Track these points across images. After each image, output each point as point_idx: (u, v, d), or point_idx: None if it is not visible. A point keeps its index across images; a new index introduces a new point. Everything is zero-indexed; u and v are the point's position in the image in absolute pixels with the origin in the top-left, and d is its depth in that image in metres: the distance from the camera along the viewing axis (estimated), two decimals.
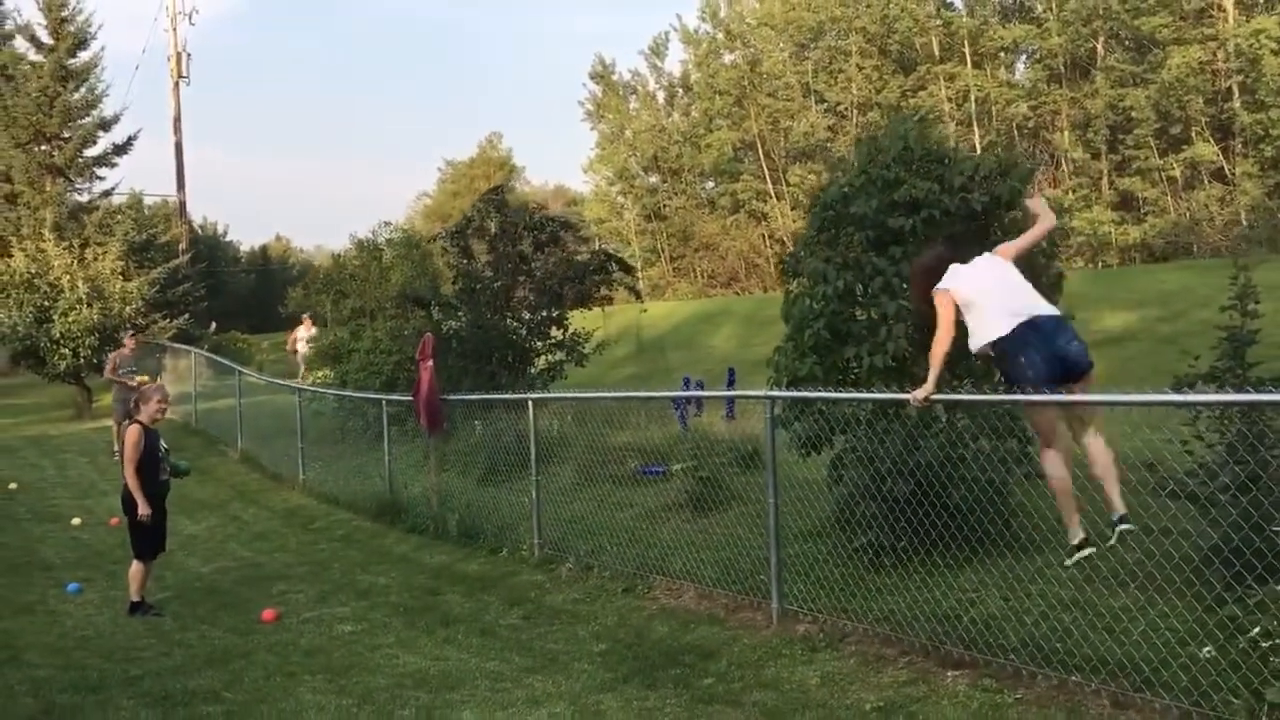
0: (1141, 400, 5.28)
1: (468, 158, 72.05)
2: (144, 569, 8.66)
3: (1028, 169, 8.40)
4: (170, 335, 28.10)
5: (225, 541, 11.81)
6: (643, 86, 58.80)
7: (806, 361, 8.05)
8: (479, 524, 10.55)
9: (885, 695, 5.56)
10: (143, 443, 8.56)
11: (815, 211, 8.60)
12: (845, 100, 47.56)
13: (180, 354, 24.16)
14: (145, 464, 8.57)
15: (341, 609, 8.51)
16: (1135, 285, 21.44)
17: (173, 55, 35.87)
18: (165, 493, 8.83)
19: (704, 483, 9.49)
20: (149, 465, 8.61)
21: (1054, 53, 41.83)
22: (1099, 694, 5.11)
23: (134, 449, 8.54)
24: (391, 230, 23.18)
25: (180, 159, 36.08)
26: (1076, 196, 39.72)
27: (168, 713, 5.99)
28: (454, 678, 6.48)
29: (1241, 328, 6.62)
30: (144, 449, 8.56)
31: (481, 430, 12.31)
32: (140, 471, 8.53)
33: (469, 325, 15.06)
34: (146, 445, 8.59)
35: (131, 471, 8.51)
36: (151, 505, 8.58)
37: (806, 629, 6.70)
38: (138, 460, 8.53)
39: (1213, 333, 7.09)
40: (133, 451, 8.54)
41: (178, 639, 7.79)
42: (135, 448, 8.54)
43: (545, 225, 15.68)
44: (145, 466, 8.57)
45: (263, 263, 64.20)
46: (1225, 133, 38.38)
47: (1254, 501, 5.11)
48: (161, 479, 8.75)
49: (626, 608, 7.80)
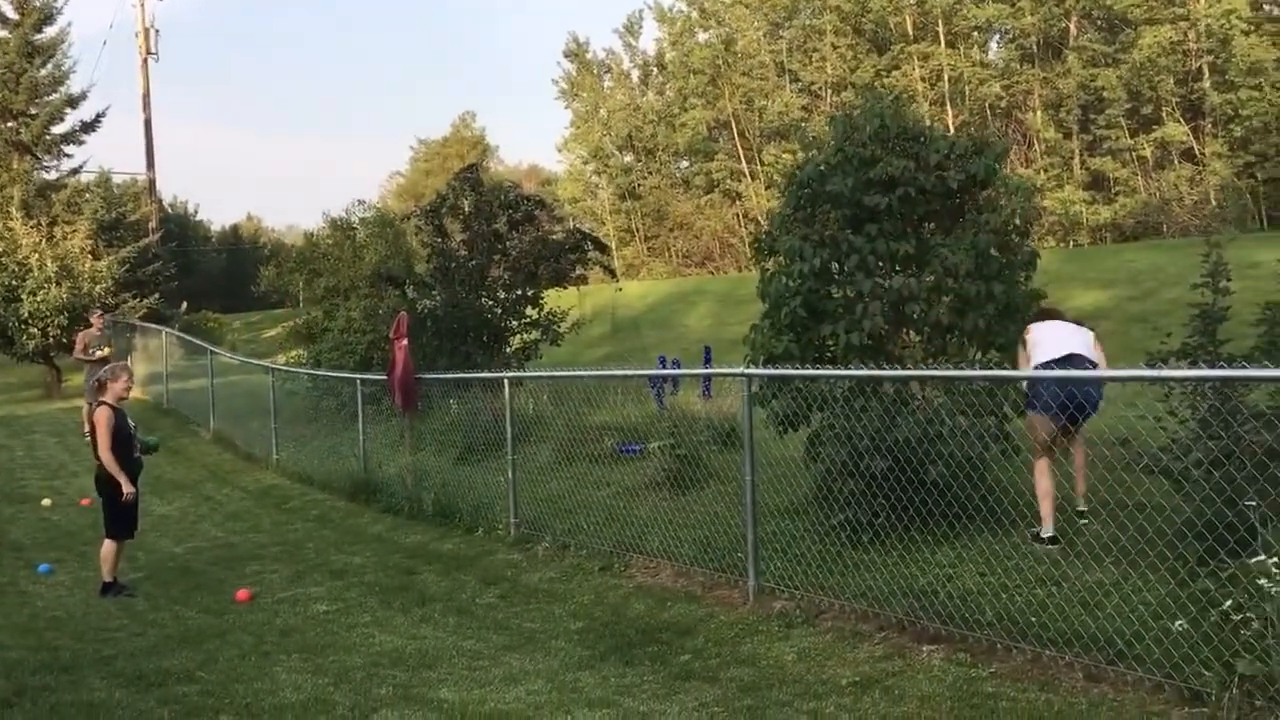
0: (1116, 376, 5.33)
1: (441, 137, 71.62)
2: (117, 549, 8.59)
3: (1003, 147, 8.40)
4: (141, 315, 27.83)
5: (198, 522, 11.73)
6: (617, 65, 58.54)
7: (783, 339, 8.05)
8: (455, 503, 10.52)
9: (861, 670, 5.59)
10: (114, 422, 8.49)
11: (791, 190, 8.58)
12: (819, 80, 47.51)
13: (151, 334, 23.93)
14: (119, 444, 8.50)
15: (316, 589, 8.48)
16: (1106, 264, 21.60)
17: (140, 31, 35.36)
18: (139, 471, 8.76)
19: (681, 461, 9.49)
20: (123, 445, 8.53)
21: (1027, 32, 41.91)
22: (1073, 667, 5.15)
23: (107, 430, 8.46)
24: (365, 209, 22.93)
25: (150, 136, 35.62)
26: (1048, 176, 39.89)
27: (142, 693, 5.95)
28: (431, 656, 6.47)
29: (1213, 305, 6.67)
30: (116, 429, 8.49)
31: (457, 409, 12.27)
32: (114, 452, 8.45)
33: (444, 304, 14.99)
34: (118, 425, 8.52)
35: (108, 454, 8.43)
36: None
37: (783, 605, 6.72)
38: (112, 440, 8.45)
39: (1182, 311, 7.15)
40: (106, 433, 8.46)
41: (151, 619, 7.74)
42: (108, 429, 8.46)
43: (520, 204, 15.62)
44: (119, 446, 8.50)
45: (234, 242, 63.64)
46: (1195, 113, 38.61)
47: (1226, 476, 5.15)
48: (135, 457, 8.68)
49: (603, 586, 7.81)
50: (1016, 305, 7.93)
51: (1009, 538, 6.72)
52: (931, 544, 6.86)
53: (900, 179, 7.86)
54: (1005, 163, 8.45)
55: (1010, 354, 7.73)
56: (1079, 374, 5.48)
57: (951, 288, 7.70)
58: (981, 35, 45.19)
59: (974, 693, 5.10)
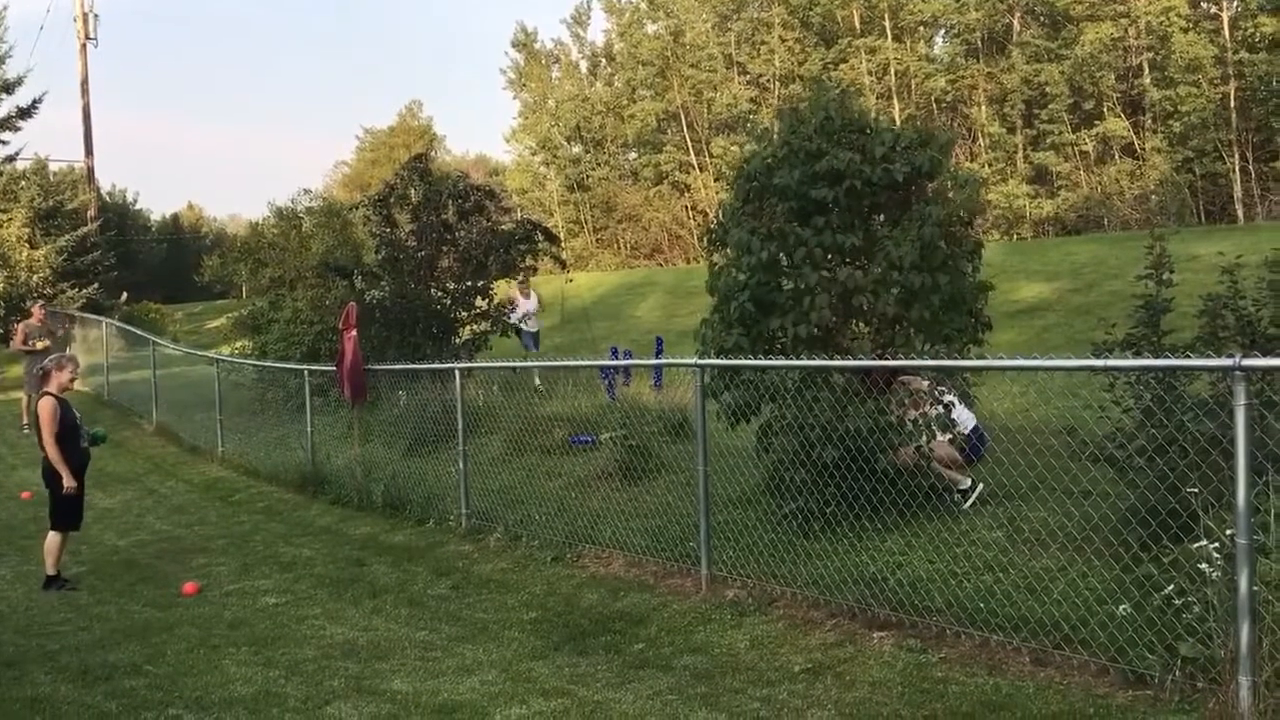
0: (1062, 366, 5.41)
1: (387, 126, 70.92)
2: (61, 542, 8.44)
3: (947, 139, 8.49)
4: (79, 305, 27.34)
5: (142, 515, 11.56)
6: (565, 56, 58.33)
7: (733, 333, 8.09)
8: (405, 495, 10.45)
9: (813, 657, 5.65)
10: (59, 414, 8.33)
11: (739, 182, 8.62)
12: (768, 72, 47.67)
13: (91, 324, 23.50)
14: (65, 435, 8.34)
15: (265, 581, 8.40)
16: (1048, 257, 21.88)
17: (79, 16, 34.66)
18: (86, 463, 8.62)
19: (633, 451, 9.51)
20: (69, 436, 8.38)
21: (971, 28, 42.36)
22: (1020, 652, 5.24)
23: (52, 421, 8.31)
24: (311, 198, 22.67)
25: (88, 123, 34.94)
26: (992, 170, 40.39)
27: (87, 687, 5.87)
28: (383, 648, 6.44)
29: (1156, 296, 6.80)
30: (61, 420, 8.33)
31: (407, 400, 12.18)
32: (60, 443, 8.29)
33: (392, 295, 14.87)
34: (64, 416, 8.36)
35: (53, 444, 8.28)
36: (78, 475, 8.37)
37: (736, 594, 6.77)
38: (57, 432, 8.29)
39: (1124, 302, 7.29)
40: (51, 424, 8.30)
41: (96, 613, 7.63)
42: (53, 420, 8.31)
43: (469, 194, 15.51)
44: (65, 438, 8.34)
45: (174, 232, 62.61)
46: (1135, 108, 39.27)
47: (1169, 464, 5.26)
48: (82, 448, 8.55)
49: (556, 576, 7.81)
50: (962, 296, 8.03)
51: (957, 525, 6.83)
52: (881, 532, 6.94)
53: (846, 172, 7.92)
54: (950, 155, 8.55)
55: (957, 345, 7.83)
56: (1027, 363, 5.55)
57: (898, 279, 7.78)
58: (927, 30, 45.64)
59: (924, 678, 5.17)
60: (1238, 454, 4.37)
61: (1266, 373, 4.73)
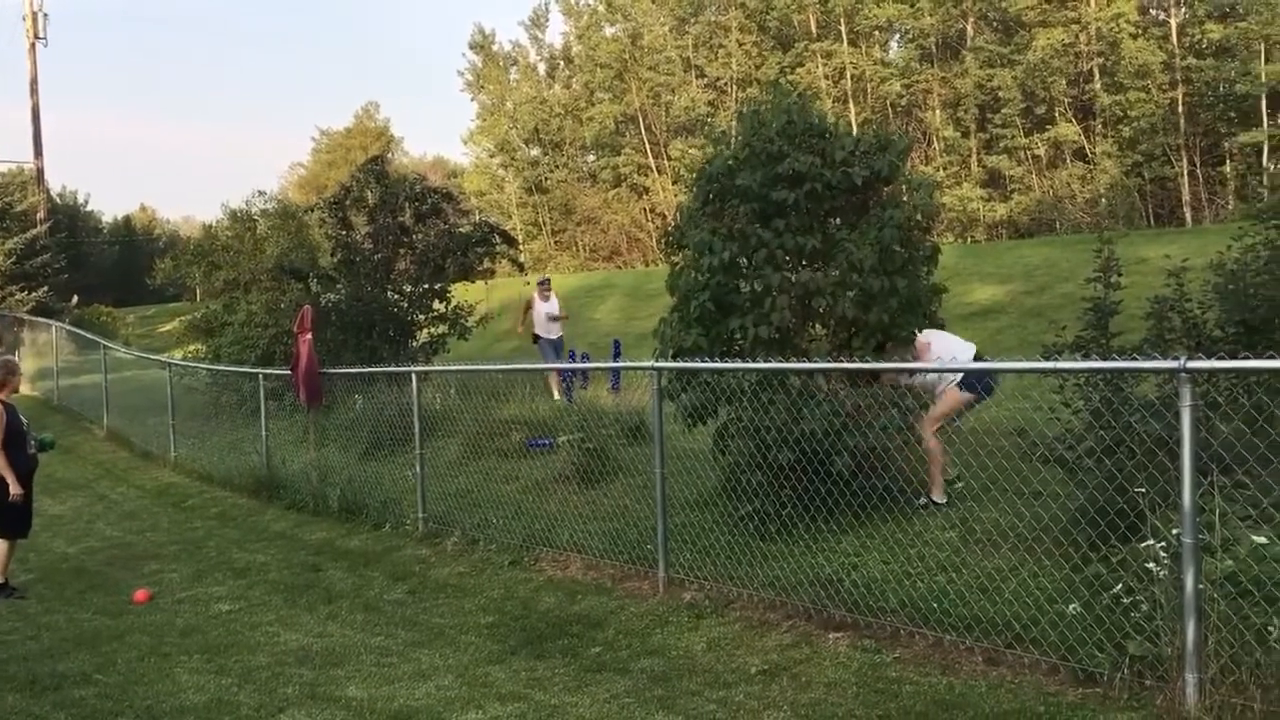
0: (1012, 368, 5.49)
1: (344, 127, 70.39)
2: (8, 549, 8.30)
3: (905, 144, 8.57)
4: (29, 308, 26.91)
5: (92, 521, 11.39)
6: (524, 58, 58.21)
7: (692, 333, 8.11)
8: (361, 499, 10.38)
9: (769, 658, 5.68)
10: (4, 419, 8.19)
11: (700, 183, 8.64)
12: (725, 75, 47.87)
13: (40, 328, 23.15)
14: (10, 441, 8.20)
15: (218, 588, 8.31)
16: (1002, 260, 22.14)
17: (28, 15, 34.14)
18: (33, 469, 8.48)
19: (590, 454, 9.50)
20: (14, 442, 8.24)
21: (926, 33, 42.77)
22: (973, 651, 5.30)
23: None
24: (266, 200, 22.43)
25: (37, 124, 34.45)
26: (947, 174, 40.79)
27: (36, 697, 5.77)
28: (338, 654, 6.38)
29: (1105, 299, 6.90)
30: (7, 426, 8.19)
31: (363, 404, 12.10)
32: (5, 449, 8.15)
33: (348, 298, 14.77)
34: (9, 422, 8.22)
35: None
36: (25, 481, 8.24)
37: (693, 596, 6.79)
38: (3, 436, 8.15)
39: (1075, 305, 7.38)
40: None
41: (44, 621, 7.51)
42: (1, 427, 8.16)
43: (426, 197, 15.45)
44: (11, 443, 8.20)
45: (126, 234, 61.74)
46: (1086, 113, 39.81)
47: (1117, 464, 5.34)
48: (29, 454, 8.41)
49: (513, 580, 7.79)
50: (918, 299, 8.10)
51: (911, 526, 6.88)
52: (837, 533, 6.98)
53: (807, 174, 7.97)
54: (907, 160, 8.63)
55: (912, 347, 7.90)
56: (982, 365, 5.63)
57: (856, 282, 7.83)
58: (882, 35, 46.00)
59: (878, 678, 5.21)
60: (1183, 454, 4.45)
61: (1211, 375, 4.83)
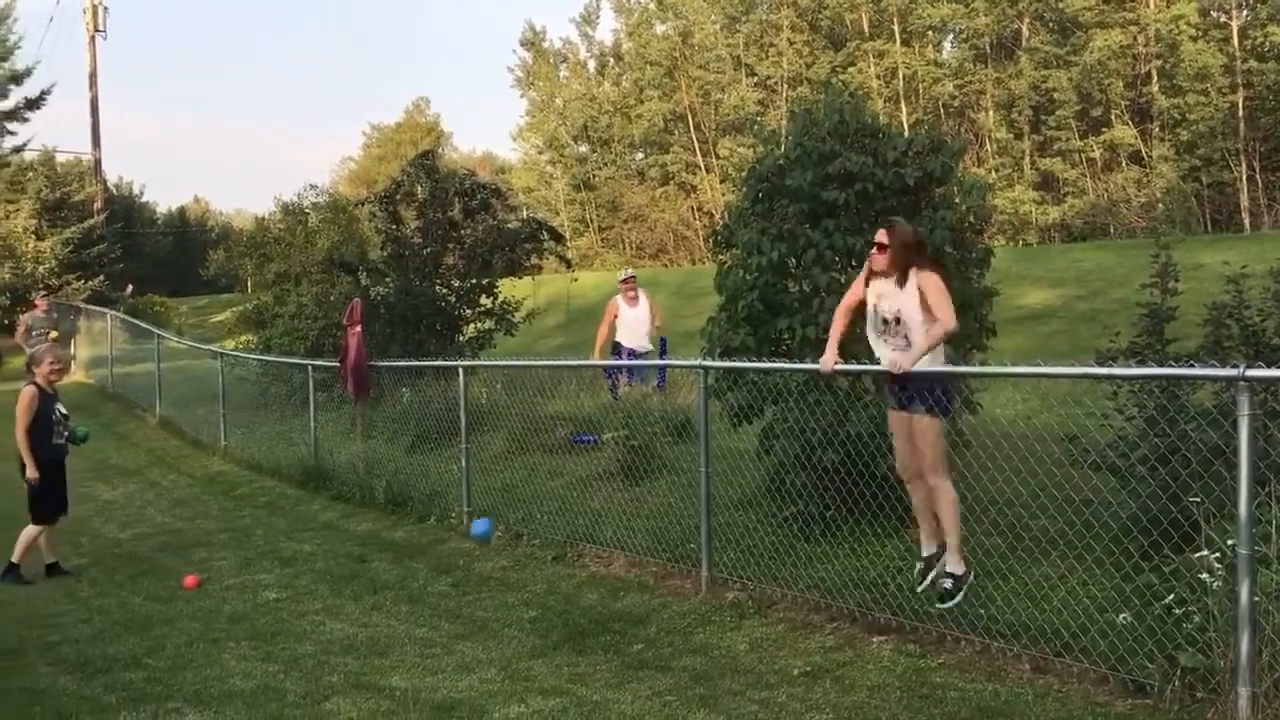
0: (1066, 373, 5.41)
1: (394, 122, 71.08)
2: (37, 533, 8.44)
3: (960, 145, 8.48)
4: (85, 297, 27.38)
5: (144, 508, 11.57)
6: (574, 55, 58.47)
7: (739, 332, 8.08)
8: (407, 492, 10.46)
9: (812, 660, 5.65)
10: (36, 405, 8.30)
11: (750, 183, 8.61)
12: (775, 74, 47.73)
13: (96, 316, 23.53)
14: (37, 428, 8.31)
15: (265, 576, 8.40)
16: (1054, 264, 21.90)
17: (89, 9, 34.73)
18: (62, 457, 8.58)
19: (635, 452, 9.50)
20: (41, 429, 8.34)
21: (980, 33, 42.38)
22: (1020, 659, 5.24)
23: (26, 412, 8.28)
24: (318, 194, 22.65)
25: (96, 115, 35.04)
26: (999, 176, 40.41)
27: (87, 679, 5.87)
28: (382, 644, 6.44)
29: (1161, 305, 6.79)
30: (36, 412, 8.30)
31: (410, 397, 12.19)
32: (31, 435, 8.27)
33: (397, 292, 14.88)
34: (40, 408, 8.33)
35: (22, 434, 8.26)
36: (47, 469, 8.34)
37: (736, 596, 6.77)
38: (29, 423, 8.27)
39: (1129, 310, 7.27)
40: (24, 414, 8.28)
41: (96, 605, 7.64)
42: (27, 411, 8.29)
43: (476, 192, 15.51)
44: (37, 430, 8.31)
45: (180, 225, 62.70)
46: (1143, 116, 39.28)
47: (1171, 473, 5.26)
48: (56, 444, 8.49)
49: (556, 575, 7.81)
50: (970, 302, 8.01)
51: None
52: (882, 537, 6.94)
53: (858, 174, 7.91)
54: (961, 162, 8.54)
55: (961, 350, 7.82)
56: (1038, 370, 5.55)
57: None
58: (936, 35, 45.68)
59: (923, 683, 5.17)
60: (1240, 465, 4.37)
61: (1270, 384, 4.74)
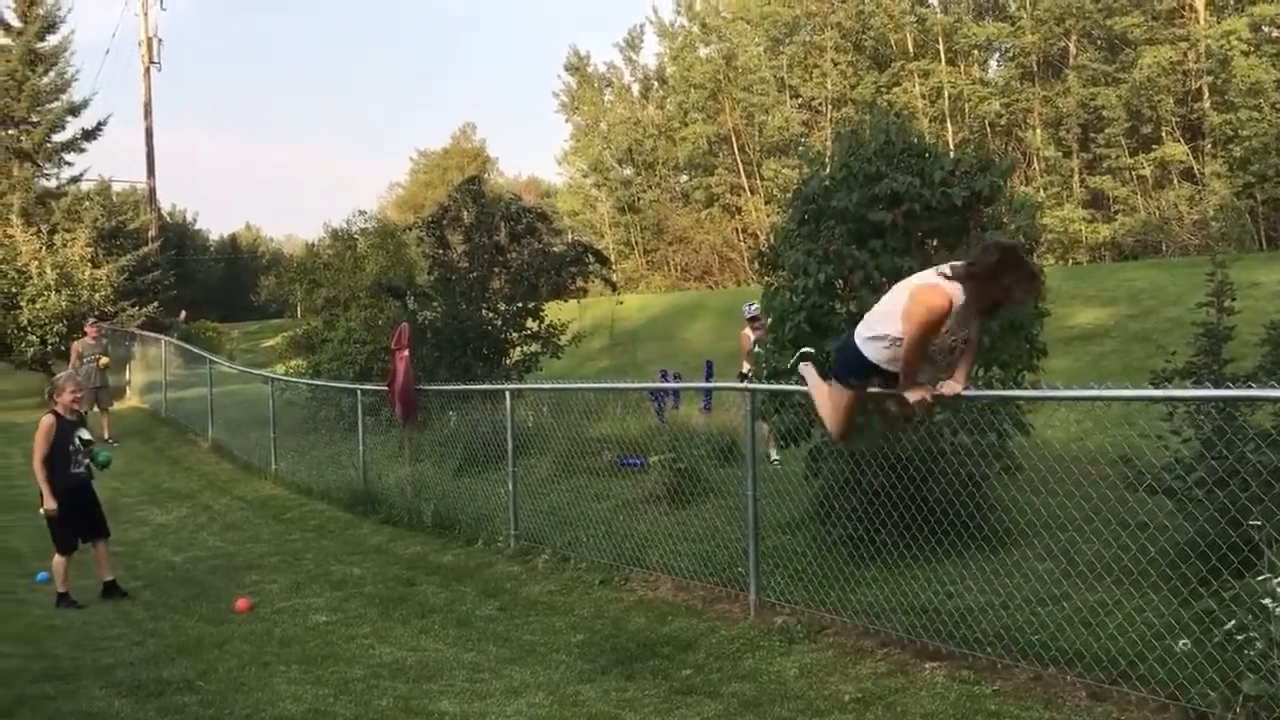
0: (1120, 396, 5.32)
1: (441, 148, 71.86)
2: (64, 562, 8.45)
3: (1009, 165, 8.41)
4: (139, 323, 27.82)
5: (196, 531, 11.70)
6: (618, 79, 58.78)
7: (787, 354, 8.04)
8: (454, 515, 10.50)
9: (863, 686, 5.58)
10: (54, 434, 8.34)
11: (796, 204, 8.59)
12: (820, 95, 47.67)
13: (150, 342, 23.91)
14: (55, 457, 8.33)
15: (316, 599, 8.45)
16: (1105, 283, 21.61)
17: (143, 40, 35.41)
18: (85, 482, 8.61)
19: (681, 475, 9.48)
20: (59, 457, 8.36)
21: (1027, 51, 42.07)
22: (1075, 686, 5.15)
23: (44, 440, 8.31)
24: (366, 219, 22.91)
25: (150, 145, 35.62)
26: (1048, 194, 39.98)
27: (141, 702, 5.93)
28: (431, 668, 6.45)
29: (1218, 324, 6.67)
30: (54, 441, 8.33)
31: (457, 421, 12.25)
32: (47, 464, 8.31)
33: (444, 316, 14.99)
34: (58, 436, 8.36)
35: (39, 463, 8.30)
36: (68, 496, 8.36)
37: (784, 621, 6.71)
38: (46, 452, 8.29)
39: (1183, 330, 7.15)
40: (42, 442, 8.31)
41: (150, 628, 7.72)
42: (45, 438, 8.31)
43: (521, 216, 15.62)
44: (56, 459, 8.33)
45: (232, 251, 63.77)
46: (1195, 133, 38.71)
47: (1230, 496, 5.15)
48: (74, 471, 8.49)
49: (603, 599, 7.79)
50: (1019, 322, 7.93)
51: (1010, 555, 6.71)
52: (933, 561, 6.85)
53: (905, 195, 7.87)
54: (1009, 181, 8.46)
55: (1011, 371, 7.73)
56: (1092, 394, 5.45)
57: None
58: (981, 53, 45.40)
59: (977, 710, 5.09)
60: None
61: None
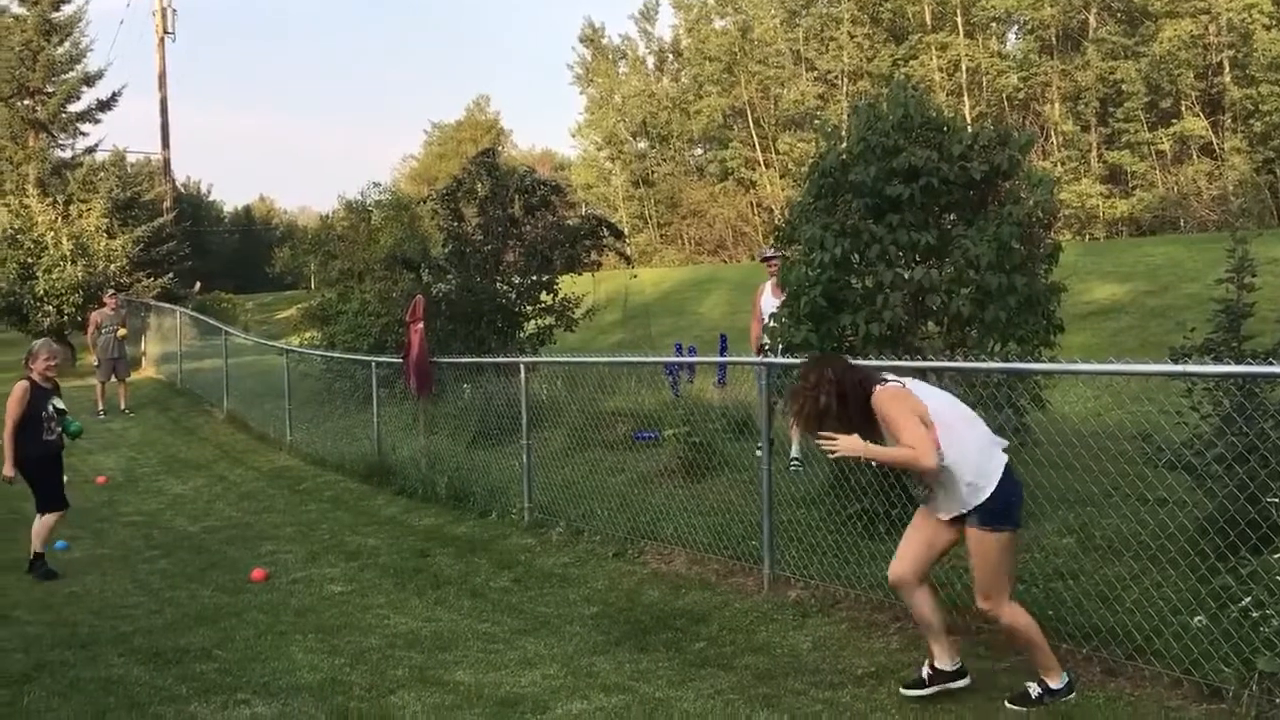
0: (1139, 370, 5.30)
1: (454, 120, 71.61)
2: (50, 524, 8.51)
3: (1028, 139, 8.33)
4: (154, 294, 27.92)
5: (212, 501, 11.77)
6: (632, 51, 58.49)
7: (802, 329, 8.00)
8: (469, 487, 10.53)
9: (877, 660, 5.60)
10: (26, 400, 8.37)
11: (813, 178, 8.52)
12: (836, 68, 47.36)
13: (165, 313, 24.00)
14: (27, 424, 8.36)
15: (331, 570, 8.51)
16: (1123, 258, 21.45)
17: (158, 11, 35.41)
18: (55, 452, 8.62)
19: (696, 448, 9.48)
20: (31, 425, 8.39)
21: (1046, 24, 41.68)
22: (1090, 661, 5.14)
23: (15, 406, 8.32)
24: (380, 192, 22.89)
25: (165, 116, 35.70)
26: (1066, 169, 39.71)
27: (159, 670, 5.98)
28: (446, 639, 6.49)
29: (1238, 300, 6.61)
30: (27, 407, 8.35)
31: (471, 393, 12.26)
32: (20, 431, 8.34)
33: (458, 288, 14.98)
34: (31, 403, 8.38)
35: (9, 429, 8.32)
36: (39, 464, 8.41)
37: (798, 594, 6.72)
38: (19, 418, 8.30)
39: (1201, 306, 7.09)
40: (14, 408, 8.31)
41: (167, 597, 7.78)
42: (18, 404, 8.32)
43: (536, 189, 15.57)
44: (27, 426, 8.36)
45: (246, 223, 63.80)
46: (1215, 107, 38.38)
47: (1249, 473, 5.12)
48: (47, 439, 8.51)
49: (617, 572, 7.82)
50: (1037, 297, 7.88)
51: (1026, 531, 6.69)
52: None
53: (923, 169, 7.80)
54: (1028, 156, 8.39)
55: (1029, 345, 7.69)
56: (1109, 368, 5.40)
57: (973, 279, 7.64)
58: (1000, 26, 45.01)
59: (991, 685, 5.10)
60: None
61: None
